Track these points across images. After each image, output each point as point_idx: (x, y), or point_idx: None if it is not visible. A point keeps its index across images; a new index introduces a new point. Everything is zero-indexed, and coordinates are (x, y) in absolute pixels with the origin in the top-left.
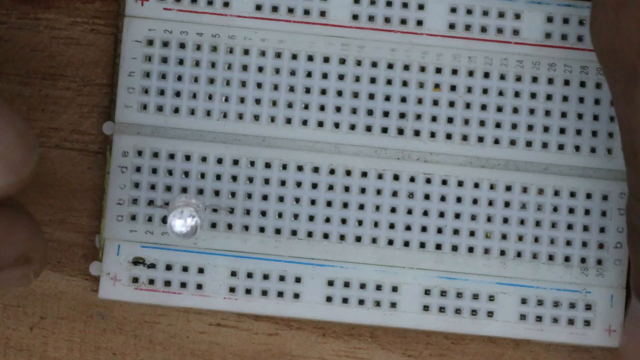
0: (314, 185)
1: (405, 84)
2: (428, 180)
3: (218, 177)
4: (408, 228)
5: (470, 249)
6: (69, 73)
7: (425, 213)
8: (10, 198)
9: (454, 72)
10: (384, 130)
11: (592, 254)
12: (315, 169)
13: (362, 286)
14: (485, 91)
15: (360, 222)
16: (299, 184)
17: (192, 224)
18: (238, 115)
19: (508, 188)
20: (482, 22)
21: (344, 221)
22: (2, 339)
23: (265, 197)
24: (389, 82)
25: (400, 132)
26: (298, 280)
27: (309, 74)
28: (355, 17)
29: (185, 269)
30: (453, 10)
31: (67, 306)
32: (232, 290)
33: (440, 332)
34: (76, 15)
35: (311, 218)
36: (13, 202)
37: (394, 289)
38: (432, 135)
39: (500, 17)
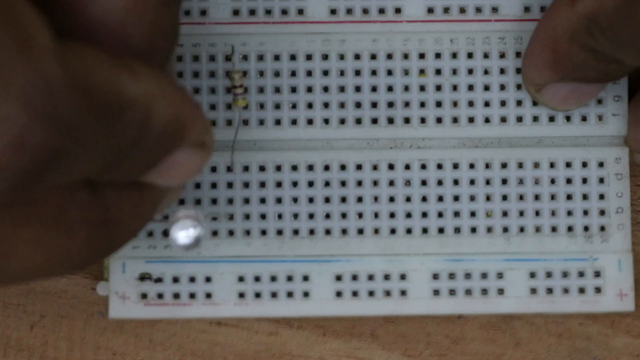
0: (310, 183)
1: (390, 73)
2: (423, 166)
3: (214, 185)
4: (409, 215)
5: (473, 229)
6: None
7: (424, 199)
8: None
9: (438, 55)
10: (374, 121)
11: (595, 221)
12: (310, 167)
13: (370, 277)
14: (470, 71)
15: (360, 215)
16: (295, 184)
17: (195, 235)
18: (226, 122)
19: (504, 165)
20: (460, 3)
21: (344, 215)
22: (2, 338)
23: (263, 200)
24: (374, 72)
25: (391, 121)
26: (306, 278)
27: (293, 73)
28: (333, 11)
29: (192, 279)
30: None
31: (67, 305)
32: (241, 295)
33: (442, 330)
34: None
35: (311, 216)
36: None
37: (402, 277)
38: (423, 120)
39: None
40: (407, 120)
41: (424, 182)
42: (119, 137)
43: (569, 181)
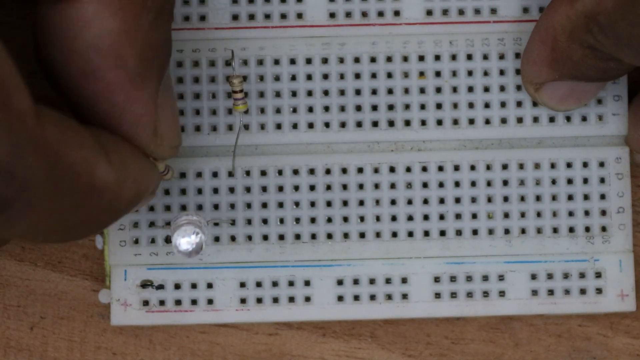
0: (312, 187)
1: (390, 75)
2: (424, 169)
3: (215, 190)
4: (410, 218)
5: (475, 232)
6: None
7: (426, 201)
8: None
9: (437, 58)
10: (375, 124)
11: (596, 221)
12: (311, 171)
13: (372, 281)
14: (470, 73)
15: (362, 218)
16: (296, 188)
17: (197, 241)
18: (227, 127)
19: (504, 166)
20: (459, 5)
21: (345, 219)
22: (2, 339)
23: (264, 205)
24: (374, 75)
25: (391, 123)
26: (307, 283)
27: (294, 77)
28: (332, 15)
29: (194, 285)
30: None
31: (67, 306)
32: (243, 301)
33: (441, 331)
34: None
35: (313, 220)
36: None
37: (404, 281)
38: (423, 123)
39: None
40: (407, 123)
41: (425, 185)
42: (82, 215)
43: (569, 181)
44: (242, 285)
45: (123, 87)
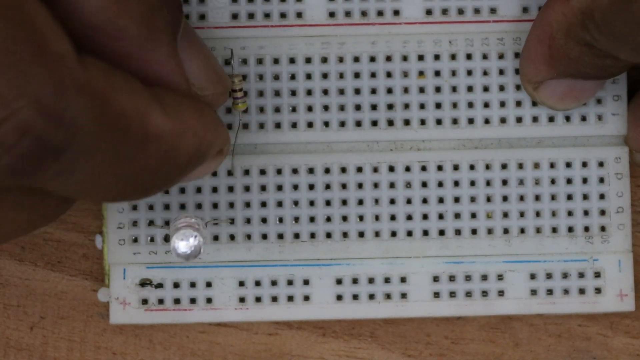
0: (311, 186)
1: (389, 75)
2: (424, 168)
3: (215, 189)
4: (409, 217)
5: (474, 231)
6: None
7: (425, 201)
8: None
9: (437, 57)
10: (374, 123)
11: (595, 221)
12: (311, 170)
13: (371, 281)
14: (469, 73)
15: (361, 218)
16: (295, 187)
17: (195, 244)
18: (227, 126)
19: (504, 166)
20: (458, 4)
21: (345, 218)
22: (2, 339)
23: (264, 204)
24: (373, 75)
25: (391, 123)
26: (306, 282)
27: (293, 77)
28: (332, 14)
29: (193, 284)
30: None
31: (67, 306)
32: (242, 300)
33: (441, 330)
34: None
35: (312, 219)
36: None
37: (403, 280)
38: (422, 122)
39: None
40: (407, 122)
41: (424, 184)
42: (139, 165)
43: (569, 181)
44: (241, 284)
45: (132, 56)
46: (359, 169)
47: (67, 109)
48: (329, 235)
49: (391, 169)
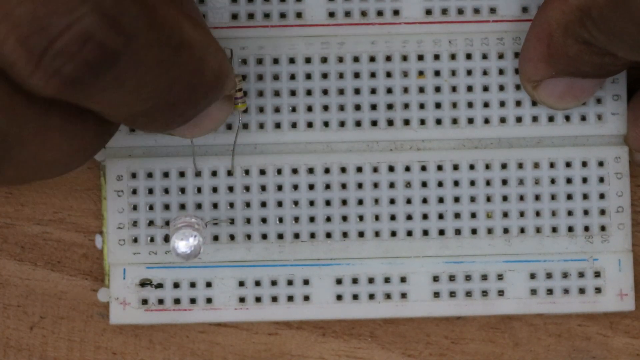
0: (311, 186)
1: (389, 74)
2: (423, 168)
3: (214, 189)
4: (409, 217)
5: (474, 231)
6: None
7: (425, 200)
8: None
9: (436, 57)
10: (374, 123)
11: (595, 221)
12: (310, 170)
13: (371, 280)
14: (469, 72)
15: (361, 217)
16: (295, 187)
17: (195, 244)
18: (226, 126)
19: (504, 166)
20: (458, 4)
21: (344, 218)
22: (2, 339)
23: (263, 204)
24: (373, 75)
25: (390, 123)
26: (306, 282)
27: (293, 77)
28: (331, 14)
29: (193, 284)
30: None
31: (67, 306)
32: (242, 300)
33: (441, 330)
34: None
35: (312, 219)
36: None
37: (403, 280)
38: (422, 122)
39: None
40: (406, 122)
41: (424, 184)
42: (175, 73)
43: (569, 181)
44: (241, 284)
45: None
46: (359, 169)
47: (124, 15)
48: (328, 235)
49: (391, 168)
